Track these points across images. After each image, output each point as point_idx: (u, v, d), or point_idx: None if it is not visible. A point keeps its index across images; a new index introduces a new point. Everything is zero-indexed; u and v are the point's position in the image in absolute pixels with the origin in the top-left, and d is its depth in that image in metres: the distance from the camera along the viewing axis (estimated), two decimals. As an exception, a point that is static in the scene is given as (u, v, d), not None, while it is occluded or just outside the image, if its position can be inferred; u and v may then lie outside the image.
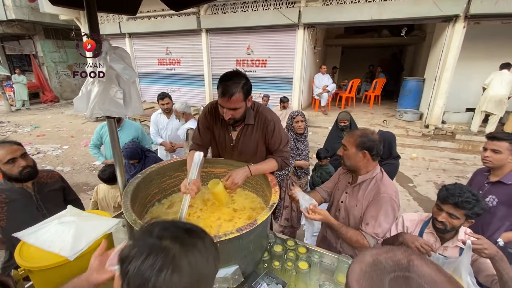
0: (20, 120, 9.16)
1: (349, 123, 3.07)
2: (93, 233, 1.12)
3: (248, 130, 1.61)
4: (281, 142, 1.64)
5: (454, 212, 1.28)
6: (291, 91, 7.28)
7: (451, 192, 1.29)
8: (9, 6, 9.73)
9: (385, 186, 1.40)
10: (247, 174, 1.47)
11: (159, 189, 1.60)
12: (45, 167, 5.30)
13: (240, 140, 1.64)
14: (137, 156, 2.65)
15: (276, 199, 1.28)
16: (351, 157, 1.45)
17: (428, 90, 6.30)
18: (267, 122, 1.59)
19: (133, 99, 1.17)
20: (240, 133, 1.62)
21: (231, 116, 1.44)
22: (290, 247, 1.50)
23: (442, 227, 1.34)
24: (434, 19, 5.54)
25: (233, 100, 1.37)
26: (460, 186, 1.32)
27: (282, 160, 1.65)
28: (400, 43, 9.60)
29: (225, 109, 1.42)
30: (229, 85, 1.35)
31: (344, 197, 1.57)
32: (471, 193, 1.27)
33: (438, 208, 1.36)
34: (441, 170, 5.22)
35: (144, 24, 8.53)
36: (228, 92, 1.35)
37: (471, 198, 1.25)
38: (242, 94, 1.39)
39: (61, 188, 1.86)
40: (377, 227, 1.37)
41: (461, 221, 1.30)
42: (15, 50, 12.39)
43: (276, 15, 6.49)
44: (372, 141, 1.40)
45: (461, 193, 1.27)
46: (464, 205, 1.25)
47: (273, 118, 1.61)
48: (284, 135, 1.67)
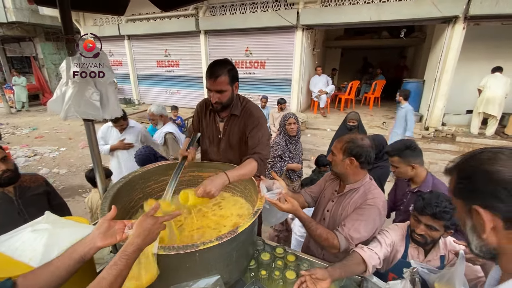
0: (19, 122, 9.16)
1: (357, 123, 3.02)
2: (66, 241, 1.06)
3: (234, 121, 1.63)
4: (260, 138, 1.55)
5: (433, 223, 1.20)
6: (289, 93, 7.23)
7: (428, 201, 1.21)
8: (10, 8, 9.78)
9: (373, 195, 1.32)
10: (224, 182, 1.28)
11: (143, 193, 1.54)
12: (41, 169, 5.26)
13: (227, 131, 1.65)
14: (149, 162, 2.38)
15: (261, 205, 1.22)
16: (338, 164, 1.38)
17: (428, 92, 6.24)
18: (251, 116, 1.59)
19: (110, 101, 1.12)
20: (227, 124, 1.64)
21: (217, 99, 1.49)
22: (279, 255, 1.43)
23: (422, 240, 1.26)
24: (433, 20, 5.49)
25: (219, 82, 1.44)
26: (437, 194, 1.24)
27: (260, 158, 1.50)
28: (400, 45, 9.54)
29: (212, 92, 1.48)
30: (216, 68, 1.44)
31: (330, 205, 1.48)
32: (449, 202, 1.18)
33: (416, 219, 1.27)
34: (441, 173, 5.11)
35: (143, 26, 8.53)
36: (214, 73, 1.42)
37: (448, 208, 1.17)
38: (228, 77, 1.46)
39: (45, 193, 1.81)
40: (353, 231, 1.26)
41: (441, 232, 1.22)
42: (16, 52, 12.44)
43: (274, 16, 6.46)
44: (360, 147, 1.32)
45: (438, 203, 1.18)
46: (443, 215, 1.17)
47: (258, 115, 1.61)
48: (266, 135, 1.59)
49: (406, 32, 6.58)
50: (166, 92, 9.47)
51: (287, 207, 1.29)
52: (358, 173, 1.38)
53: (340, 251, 1.25)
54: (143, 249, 0.81)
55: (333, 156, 1.40)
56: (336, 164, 1.38)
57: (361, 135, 1.40)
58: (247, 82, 7.72)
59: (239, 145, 1.66)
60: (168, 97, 9.43)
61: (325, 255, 1.50)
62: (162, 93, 9.58)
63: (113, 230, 0.90)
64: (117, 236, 0.88)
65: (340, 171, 1.39)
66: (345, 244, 1.24)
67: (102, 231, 0.86)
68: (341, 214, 1.40)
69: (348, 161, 1.34)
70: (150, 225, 0.83)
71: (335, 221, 1.42)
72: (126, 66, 9.82)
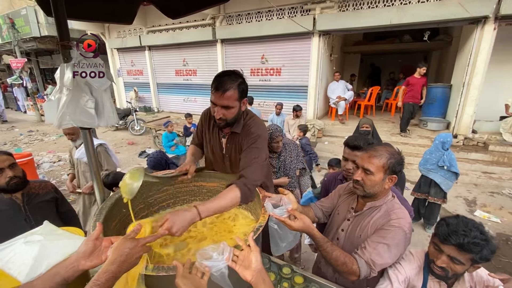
0: (48, 129, 9.70)
1: (371, 129, 2.86)
2: (57, 255, 1.01)
3: (234, 139, 1.47)
4: (255, 158, 1.31)
5: (458, 255, 0.98)
6: (306, 100, 7.08)
7: (453, 229, 0.98)
8: (43, 23, 10.53)
9: (397, 215, 1.14)
10: (193, 219, 1.01)
11: (145, 204, 1.49)
12: (63, 174, 5.48)
13: (229, 149, 1.51)
14: (159, 167, 2.42)
15: (264, 221, 1.11)
16: (376, 184, 1.14)
17: (455, 97, 5.83)
18: (250, 134, 1.39)
19: (106, 109, 1.07)
20: (228, 141, 1.50)
21: (222, 115, 1.32)
22: (285, 275, 1.31)
23: (443, 274, 1.04)
24: (460, 21, 5.16)
25: (227, 96, 1.27)
26: (465, 221, 1.01)
27: (245, 184, 1.22)
28: (424, 49, 9.12)
29: (217, 107, 1.31)
30: (224, 80, 1.27)
31: (345, 224, 1.30)
32: (479, 231, 0.97)
33: (437, 248, 1.04)
34: (472, 185, 4.72)
35: (162, 36, 8.81)
36: (222, 86, 1.25)
37: (479, 239, 0.95)
38: (237, 92, 1.30)
39: (53, 199, 1.81)
40: (376, 255, 1.07)
41: (466, 266, 1.00)
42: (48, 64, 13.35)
43: (290, 23, 6.40)
44: (400, 161, 1.13)
45: (466, 232, 0.96)
46: (472, 248, 0.95)
47: (258, 132, 1.38)
48: (263, 155, 1.37)
49: (430, 35, 6.25)
50: (184, 100, 9.66)
51: (298, 226, 1.11)
52: (388, 190, 1.20)
53: (359, 278, 1.08)
54: (119, 277, 0.72)
55: (368, 176, 1.14)
56: (373, 185, 1.14)
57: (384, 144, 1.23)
58: (263, 89, 7.68)
59: None
60: (186, 105, 9.60)
61: (338, 278, 1.33)
62: (180, 101, 9.78)
63: (99, 250, 0.83)
64: (102, 256, 0.81)
65: (375, 192, 1.16)
66: (366, 270, 1.07)
67: (87, 252, 0.80)
68: (359, 235, 1.22)
69: (388, 180, 1.15)
70: (128, 249, 0.74)
71: (352, 243, 1.24)
72: (146, 75, 10.17)
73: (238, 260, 0.87)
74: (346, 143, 1.61)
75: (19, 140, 8.37)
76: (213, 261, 0.85)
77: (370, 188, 1.15)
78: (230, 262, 0.84)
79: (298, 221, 1.12)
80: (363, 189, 1.17)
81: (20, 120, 11.50)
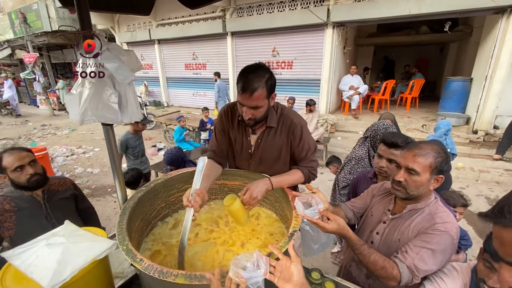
0: (60, 123, 9.83)
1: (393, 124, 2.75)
2: (81, 259, 0.96)
3: (270, 135, 1.41)
4: (309, 149, 1.43)
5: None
6: (318, 94, 6.93)
7: None
8: (54, 18, 10.58)
9: (442, 218, 1.03)
10: (267, 187, 1.26)
11: (166, 203, 1.43)
12: (77, 168, 5.53)
13: (260, 146, 1.43)
14: (175, 163, 2.44)
15: (297, 225, 1.04)
16: (422, 185, 1.04)
17: (476, 91, 5.59)
18: (293, 126, 1.38)
19: (129, 104, 1.00)
20: (261, 138, 1.41)
21: (251, 116, 1.25)
22: (315, 281, 1.23)
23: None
24: (484, 11, 4.88)
25: (255, 97, 1.19)
26: None
27: (309, 171, 1.43)
28: (440, 40, 8.76)
29: (245, 107, 1.23)
30: (251, 79, 1.18)
31: (381, 227, 1.20)
32: None
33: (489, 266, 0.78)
34: (494, 183, 4.53)
35: (172, 30, 8.73)
36: (250, 87, 1.17)
37: None
38: (265, 90, 1.21)
39: (72, 196, 1.78)
40: (419, 260, 0.98)
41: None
42: (59, 59, 13.47)
43: (303, 14, 6.22)
44: (447, 159, 1.03)
45: None
46: None
47: (300, 122, 1.40)
48: (312, 142, 1.46)
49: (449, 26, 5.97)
50: (193, 95, 9.62)
51: (332, 227, 1.03)
52: (432, 192, 1.10)
53: (400, 284, 0.99)
54: None
55: (412, 176, 1.04)
56: (418, 186, 1.04)
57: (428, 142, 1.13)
58: (274, 83, 7.54)
59: (274, 161, 1.45)
60: (195, 99, 9.56)
61: (371, 284, 1.25)
62: (189, 95, 9.74)
63: None
64: None
65: (419, 194, 1.07)
66: (407, 276, 0.98)
67: None
68: (397, 239, 1.12)
69: (435, 180, 1.05)
70: None
71: (389, 247, 1.15)
72: (156, 69, 10.15)
73: (275, 271, 0.78)
74: (382, 139, 1.51)
75: (33, 134, 8.50)
76: (249, 272, 0.76)
77: (414, 189, 1.05)
78: (269, 275, 0.76)
79: (332, 223, 1.04)
80: (405, 191, 1.06)
81: (33, 114, 11.68)
